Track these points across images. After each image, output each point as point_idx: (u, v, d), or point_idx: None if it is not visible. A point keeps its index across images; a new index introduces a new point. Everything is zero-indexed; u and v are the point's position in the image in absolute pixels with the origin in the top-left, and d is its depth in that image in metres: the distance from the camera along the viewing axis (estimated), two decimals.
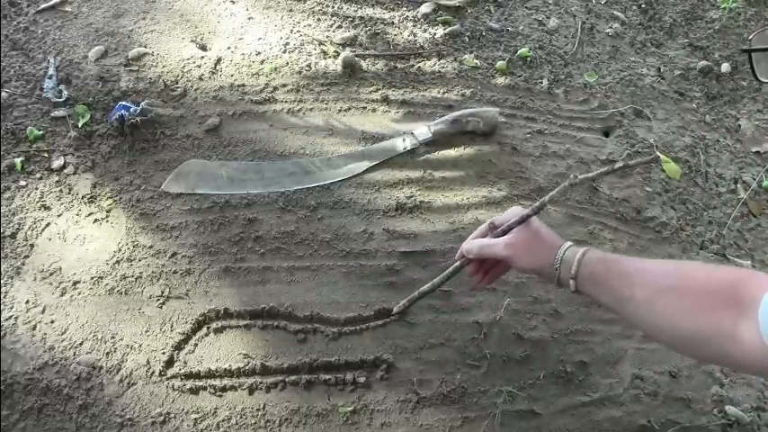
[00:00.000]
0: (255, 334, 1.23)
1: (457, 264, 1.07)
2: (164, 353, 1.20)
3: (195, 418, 1.15)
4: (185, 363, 1.20)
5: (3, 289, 1.25)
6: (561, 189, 1.00)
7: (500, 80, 1.63)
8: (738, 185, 1.57)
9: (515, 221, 0.95)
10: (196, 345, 1.21)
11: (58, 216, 1.34)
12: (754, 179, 1.58)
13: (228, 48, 1.61)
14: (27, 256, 1.29)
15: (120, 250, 1.30)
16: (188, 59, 1.57)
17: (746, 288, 0.73)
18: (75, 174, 1.40)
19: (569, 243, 0.92)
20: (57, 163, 1.40)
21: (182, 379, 1.18)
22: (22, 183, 1.38)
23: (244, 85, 1.54)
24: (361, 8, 1.74)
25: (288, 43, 1.62)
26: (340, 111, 1.53)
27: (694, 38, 1.83)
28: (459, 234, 1.36)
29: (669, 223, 1.48)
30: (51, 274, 1.27)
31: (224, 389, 1.17)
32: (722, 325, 0.73)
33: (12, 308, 1.24)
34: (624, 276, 0.84)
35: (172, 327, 1.22)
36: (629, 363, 1.27)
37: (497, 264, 1.03)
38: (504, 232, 0.97)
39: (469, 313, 1.28)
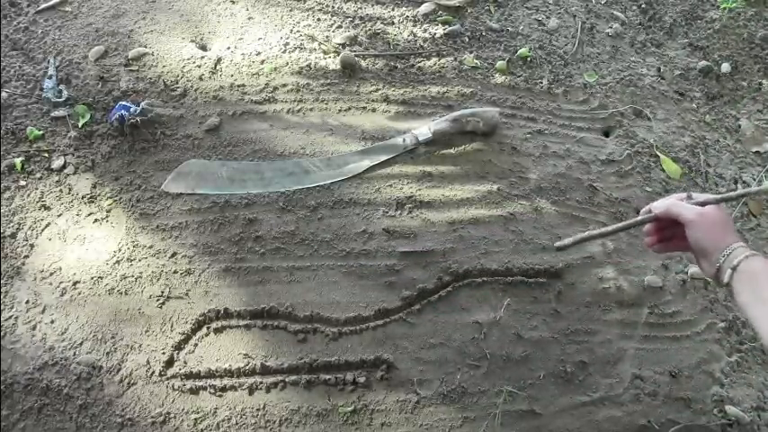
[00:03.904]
0: (255, 334, 1.23)
1: (639, 218, 1.07)
2: (164, 353, 1.20)
3: (195, 418, 1.15)
4: (185, 363, 1.20)
5: (3, 289, 1.26)
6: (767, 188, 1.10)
7: (500, 80, 1.63)
8: (738, 185, 1.57)
9: (713, 199, 1.00)
10: (196, 345, 1.22)
11: (58, 216, 1.34)
12: (755, 179, 1.58)
13: (228, 48, 1.61)
14: (27, 256, 1.30)
15: (120, 250, 1.30)
16: (188, 59, 1.57)
17: None
18: (75, 174, 1.40)
19: (744, 243, 0.96)
20: (57, 163, 1.40)
21: (182, 379, 1.18)
22: (22, 183, 1.38)
23: (244, 85, 1.54)
24: (361, 8, 1.74)
25: (288, 43, 1.62)
26: (340, 110, 1.53)
27: (694, 38, 1.83)
28: (459, 234, 1.36)
29: None
30: (51, 274, 1.27)
31: (224, 389, 1.17)
32: None
33: (12, 308, 1.24)
34: None
35: (172, 327, 1.22)
36: (629, 363, 1.27)
37: (675, 236, 1.05)
38: (700, 205, 1.01)
39: (469, 313, 1.28)
